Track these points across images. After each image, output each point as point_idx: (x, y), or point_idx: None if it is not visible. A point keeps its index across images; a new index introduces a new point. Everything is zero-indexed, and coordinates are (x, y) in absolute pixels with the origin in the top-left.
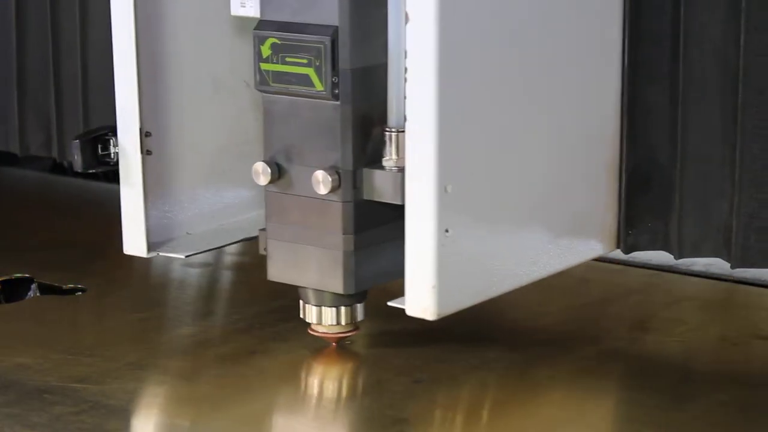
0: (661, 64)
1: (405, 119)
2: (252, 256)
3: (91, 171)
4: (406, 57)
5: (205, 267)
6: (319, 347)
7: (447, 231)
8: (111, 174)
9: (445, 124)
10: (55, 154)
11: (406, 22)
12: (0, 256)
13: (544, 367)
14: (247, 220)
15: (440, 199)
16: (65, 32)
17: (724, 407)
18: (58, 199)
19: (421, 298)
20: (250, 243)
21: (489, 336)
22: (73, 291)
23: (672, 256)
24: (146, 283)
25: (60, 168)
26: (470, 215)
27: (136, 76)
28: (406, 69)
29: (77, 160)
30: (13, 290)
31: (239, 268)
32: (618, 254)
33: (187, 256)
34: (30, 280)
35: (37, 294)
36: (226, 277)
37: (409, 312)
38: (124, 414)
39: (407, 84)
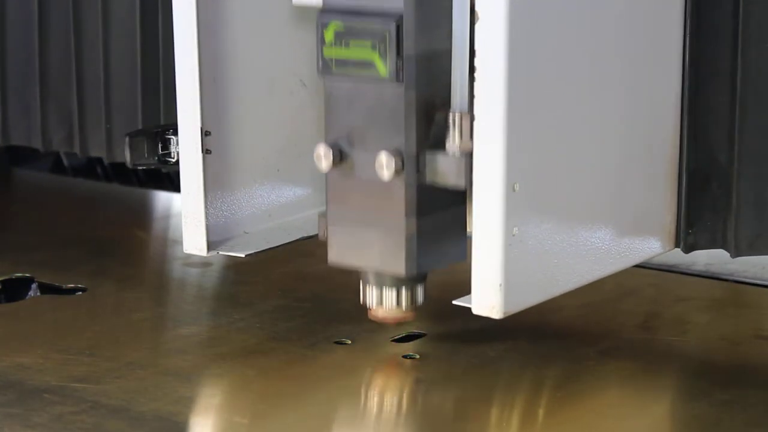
0: (723, 62)
1: (468, 104)
2: (251, 256)
3: (141, 167)
4: (473, 52)
5: (205, 267)
6: (319, 346)
7: (514, 230)
8: (111, 174)
9: (513, 124)
10: (77, 149)
11: (475, 21)
12: (0, 256)
13: (542, 366)
14: (304, 218)
15: (508, 198)
16: (87, 28)
17: (725, 407)
18: (58, 199)
19: (487, 297)
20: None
21: (497, 330)
22: (73, 291)
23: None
24: (146, 283)
25: (60, 168)
26: (537, 214)
27: (198, 75)
28: (474, 68)
29: (129, 154)
30: (13, 290)
31: (239, 268)
32: None
33: (246, 255)
34: (30, 280)
35: (37, 294)
36: (226, 277)
37: (476, 310)
38: (124, 414)
39: (476, 83)
